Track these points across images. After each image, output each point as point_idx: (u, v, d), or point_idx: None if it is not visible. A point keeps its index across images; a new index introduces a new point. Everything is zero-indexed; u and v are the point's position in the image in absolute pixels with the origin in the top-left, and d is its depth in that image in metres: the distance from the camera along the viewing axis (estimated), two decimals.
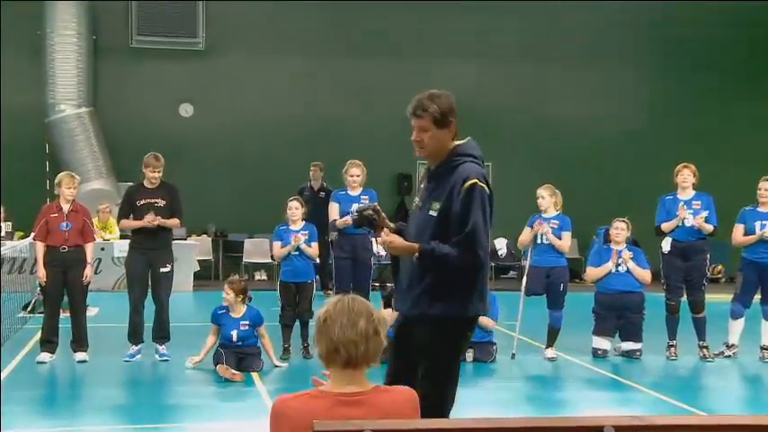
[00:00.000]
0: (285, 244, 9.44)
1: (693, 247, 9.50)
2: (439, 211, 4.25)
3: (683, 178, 9.56)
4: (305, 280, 9.49)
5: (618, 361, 9.63)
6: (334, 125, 17.81)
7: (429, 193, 4.38)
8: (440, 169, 4.39)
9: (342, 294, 3.00)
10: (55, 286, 9.02)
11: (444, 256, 4.17)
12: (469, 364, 9.20)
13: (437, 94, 4.42)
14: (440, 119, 4.37)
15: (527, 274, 9.63)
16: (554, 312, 9.57)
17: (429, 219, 4.28)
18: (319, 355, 2.92)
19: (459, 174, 4.26)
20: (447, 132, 4.39)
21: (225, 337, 8.75)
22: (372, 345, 2.87)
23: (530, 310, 9.91)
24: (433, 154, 4.42)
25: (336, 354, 2.86)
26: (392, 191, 18.22)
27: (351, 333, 2.85)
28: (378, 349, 2.90)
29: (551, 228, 9.45)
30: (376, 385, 2.92)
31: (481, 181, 4.25)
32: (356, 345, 2.85)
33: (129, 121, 17.34)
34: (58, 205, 9.11)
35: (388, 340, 3.04)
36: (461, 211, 4.19)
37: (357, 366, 2.87)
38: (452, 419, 2.35)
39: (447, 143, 4.40)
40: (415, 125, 4.45)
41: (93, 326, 9.61)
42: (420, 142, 4.45)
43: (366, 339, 2.86)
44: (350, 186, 9.77)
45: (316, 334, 2.92)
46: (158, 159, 9.22)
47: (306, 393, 2.88)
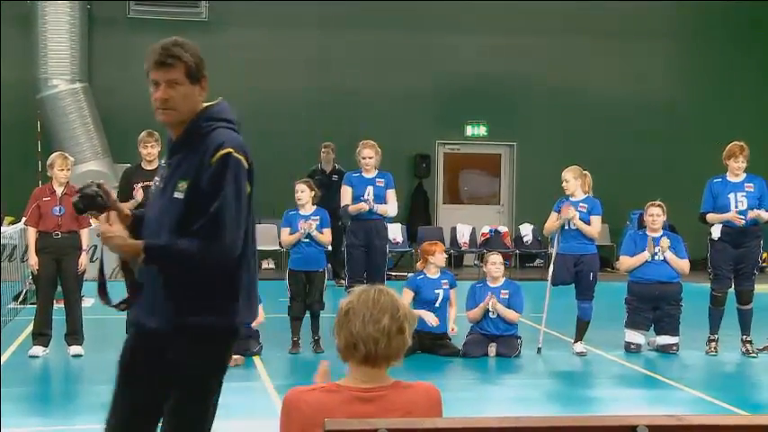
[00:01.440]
0: (294, 230, 9.45)
1: (747, 233, 9.32)
2: (186, 192, 3.55)
3: (737, 165, 9.32)
4: (316, 269, 9.49)
5: (653, 356, 9.60)
6: (348, 102, 17.79)
7: (173, 171, 3.65)
8: (187, 138, 3.64)
9: (369, 285, 2.99)
10: (48, 275, 9.06)
11: (181, 252, 3.48)
12: (492, 360, 9.20)
13: (184, 41, 3.65)
14: (194, 71, 3.61)
15: (554, 262, 9.61)
16: (583, 303, 9.55)
17: (174, 203, 3.56)
18: (337, 347, 2.92)
19: (211, 141, 3.58)
20: (199, 90, 3.65)
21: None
22: (395, 343, 2.87)
23: (557, 300, 9.89)
24: (182, 118, 3.63)
25: (355, 349, 2.86)
26: (409, 173, 18.21)
27: (372, 329, 2.84)
28: (401, 348, 2.89)
29: (579, 212, 9.41)
30: (396, 381, 2.91)
31: (238, 151, 3.65)
32: (377, 342, 2.84)
33: (126, 98, 17.33)
34: (51, 188, 9.14)
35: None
36: (209, 188, 3.52)
37: (376, 364, 2.87)
38: (475, 418, 2.31)
39: (198, 104, 3.66)
40: (160, 79, 3.61)
41: (88, 317, 9.64)
42: (167, 101, 3.60)
43: (388, 337, 2.85)
44: (363, 169, 9.75)
45: (336, 325, 2.92)
46: (152, 134, 9.20)
47: (321, 387, 2.88)
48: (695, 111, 18.67)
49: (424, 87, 18.08)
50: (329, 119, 17.55)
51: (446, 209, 18.88)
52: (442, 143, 18.76)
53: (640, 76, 18.65)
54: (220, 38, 17.74)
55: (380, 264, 9.78)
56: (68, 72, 16.55)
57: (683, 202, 12.50)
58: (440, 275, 9.42)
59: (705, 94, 18.75)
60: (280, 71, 17.79)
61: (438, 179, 18.79)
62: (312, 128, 17.30)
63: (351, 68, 17.99)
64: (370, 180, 9.70)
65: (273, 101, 17.68)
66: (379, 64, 18.06)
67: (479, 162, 19.27)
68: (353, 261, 9.72)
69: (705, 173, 9.95)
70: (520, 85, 18.23)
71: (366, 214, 9.61)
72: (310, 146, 15.89)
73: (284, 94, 17.69)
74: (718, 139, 10.28)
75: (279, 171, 16.96)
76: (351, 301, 2.91)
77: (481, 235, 17.21)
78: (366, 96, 17.89)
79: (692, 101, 18.70)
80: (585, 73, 18.50)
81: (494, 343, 9.29)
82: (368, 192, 9.58)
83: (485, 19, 18.22)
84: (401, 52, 18.05)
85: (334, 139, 15.08)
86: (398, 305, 2.90)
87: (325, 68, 17.95)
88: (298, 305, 9.48)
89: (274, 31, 17.82)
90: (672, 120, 18.63)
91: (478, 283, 9.64)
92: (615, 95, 18.51)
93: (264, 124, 17.64)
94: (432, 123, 18.24)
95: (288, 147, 17.47)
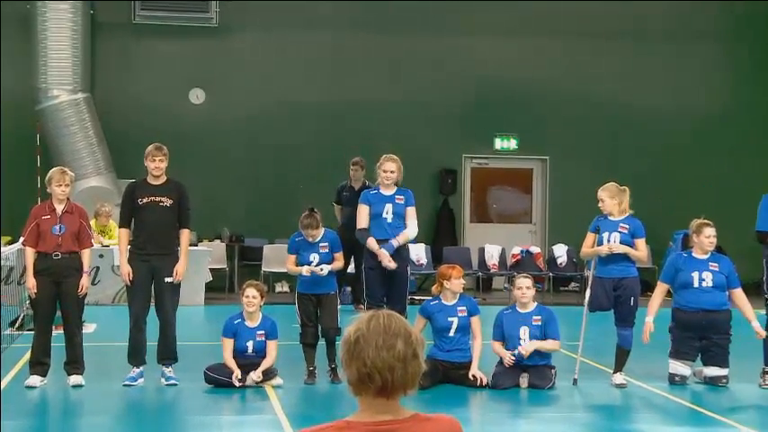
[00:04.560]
0: (303, 261, 9.46)
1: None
2: None
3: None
4: (326, 291, 9.50)
5: (699, 389, 9.50)
6: (366, 113, 17.80)
7: None
8: None
9: (374, 310, 2.96)
10: (46, 299, 9.07)
11: None
12: (524, 391, 9.13)
13: None
14: None
15: (591, 286, 9.54)
16: (623, 331, 9.47)
17: None
18: (348, 380, 2.88)
19: None
20: None
21: (239, 349, 9.05)
22: (411, 369, 2.84)
23: (594, 327, 9.81)
24: None
25: (370, 380, 2.83)
26: (434, 190, 18.18)
27: (387, 356, 2.81)
28: (416, 374, 2.87)
29: (620, 233, 9.35)
30: (415, 413, 2.88)
31: None
32: (393, 370, 2.81)
33: (131, 109, 17.46)
34: (51, 206, 9.16)
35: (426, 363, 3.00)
36: None
37: (392, 394, 2.84)
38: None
39: None
40: None
41: (89, 345, 9.65)
42: None
43: (404, 363, 2.83)
44: (382, 184, 9.71)
45: (345, 356, 2.88)
46: (160, 149, 9.25)
47: (332, 426, 2.84)
48: (743, 121, 18.56)
49: (450, 97, 18.07)
50: (346, 131, 17.56)
51: (473, 228, 18.83)
52: (470, 157, 18.72)
53: (683, 83, 18.57)
54: (231, 45, 17.84)
55: (402, 287, 9.73)
56: (70, 81, 16.64)
57: (731, 221, 12.40)
58: (456, 302, 9.37)
59: (754, 103, 18.63)
60: (293, 80, 17.83)
61: (465, 196, 18.75)
62: (327, 140, 17.33)
63: (369, 76, 18.01)
64: (388, 197, 9.65)
65: (286, 111, 17.72)
66: (400, 71, 18.06)
67: (509, 177, 19.21)
68: (372, 284, 9.66)
69: (757, 188, 9.87)
70: (553, 95, 18.19)
71: (387, 233, 9.57)
72: (326, 159, 15.93)
73: (298, 104, 17.72)
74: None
75: (292, 186, 17.04)
76: (359, 329, 2.87)
77: (511, 256, 17.15)
78: (386, 106, 17.89)
79: (739, 110, 18.59)
80: (624, 80, 18.43)
81: (525, 373, 9.22)
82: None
83: (515, 23, 18.21)
84: (424, 59, 18.06)
85: (351, 153, 15.06)
86: (409, 329, 2.89)
87: (342, 76, 17.98)
88: (309, 331, 9.46)
89: (288, 37, 17.88)
90: (718, 131, 18.52)
91: (507, 310, 9.59)
92: (656, 104, 18.43)
93: (276, 136, 17.70)
94: (458, 136, 18.22)
95: (301, 160, 17.52)
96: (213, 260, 16.06)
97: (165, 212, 9.22)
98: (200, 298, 15.19)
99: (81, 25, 16.75)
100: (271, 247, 16.85)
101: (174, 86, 17.73)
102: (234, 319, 9.18)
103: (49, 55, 16.54)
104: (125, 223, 9.36)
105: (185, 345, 9.74)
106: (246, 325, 9.13)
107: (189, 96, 17.86)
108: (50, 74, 16.55)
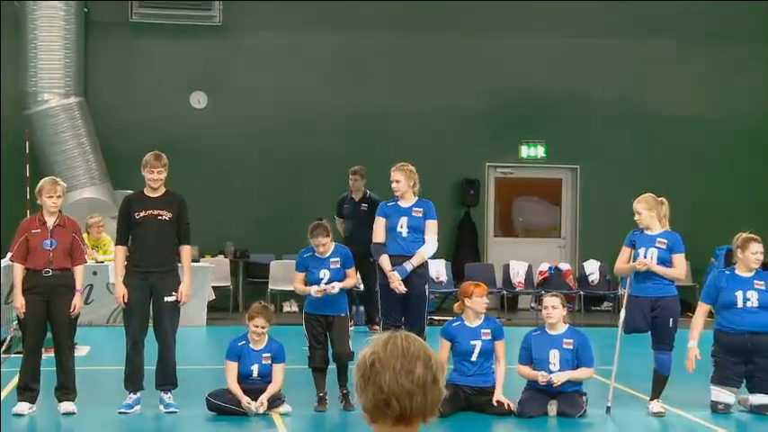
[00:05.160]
0: (312, 279, 9.46)
1: None
2: None
3: None
4: (336, 313, 9.49)
5: (745, 418, 9.45)
6: (382, 119, 17.82)
7: None
8: None
9: (391, 332, 2.96)
10: (36, 319, 9.09)
11: None
12: (553, 419, 9.11)
13: None
14: None
15: (626, 305, 9.51)
16: (661, 355, 9.44)
17: None
18: (363, 407, 2.89)
19: None
20: None
21: (243, 373, 9.06)
22: (431, 396, 2.85)
23: (629, 350, 9.78)
24: None
25: (387, 407, 2.83)
26: (455, 201, 18.18)
27: (406, 381, 2.81)
28: (437, 401, 2.87)
29: (657, 248, 9.32)
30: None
31: None
32: (412, 396, 2.82)
33: (128, 115, 17.52)
34: (41, 219, 9.19)
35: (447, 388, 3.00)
36: None
37: (411, 422, 2.84)
38: None
39: None
40: None
41: (82, 369, 9.67)
42: None
43: (424, 389, 2.83)
44: (400, 197, 9.70)
45: (360, 381, 2.88)
46: (159, 158, 9.29)
47: None
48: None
49: (473, 101, 18.08)
50: (361, 139, 17.58)
51: (498, 243, 18.81)
52: (493, 166, 18.72)
53: (724, 86, 18.52)
54: (236, 44, 17.90)
55: (420, 306, 9.73)
56: (62, 85, 16.71)
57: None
58: (481, 323, 9.36)
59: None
60: (305, 84, 17.86)
61: (488, 208, 18.74)
62: (341, 149, 17.33)
63: (386, 80, 18.03)
64: (404, 210, 9.66)
65: (297, 117, 17.75)
66: (419, 74, 18.09)
67: (537, 188, 19.20)
68: (387, 303, 9.67)
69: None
70: (584, 99, 18.17)
71: (402, 248, 9.57)
72: (337, 170, 15.91)
73: (309, 109, 17.74)
74: None
75: (300, 199, 17.05)
76: (375, 352, 2.87)
77: (539, 273, 17.12)
78: (404, 112, 17.90)
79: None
80: (661, 83, 18.40)
81: (554, 400, 9.20)
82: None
83: (543, 22, 18.21)
84: (445, 61, 18.08)
85: (366, 162, 15.07)
86: (429, 352, 2.89)
87: (358, 80, 18.01)
88: (318, 354, 9.46)
89: (299, 37, 17.91)
90: (764, 136, 18.44)
91: (535, 331, 9.56)
92: (696, 109, 18.38)
93: (285, 143, 17.72)
94: (481, 143, 18.22)
95: (312, 170, 17.52)
96: (216, 277, 16.09)
97: (163, 227, 9.25)
98: (202, 318, 15.21)
99: (74, 24, 16.83)
100: (278, 263, 16.87)
101: (174, 90, 17.79)
102: (238, 341, 9.20)
103: (40, 56, 16.61)
104: (122, 240, 9.38)
105: (186, 369, 9.74)
106: (252, 347, 9.14)
107: (190, 100, 17.91)
108: (41, 77, 16.62)
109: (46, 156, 16.56)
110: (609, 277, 16.71)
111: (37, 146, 16.68)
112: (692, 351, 9.30)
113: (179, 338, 9.48)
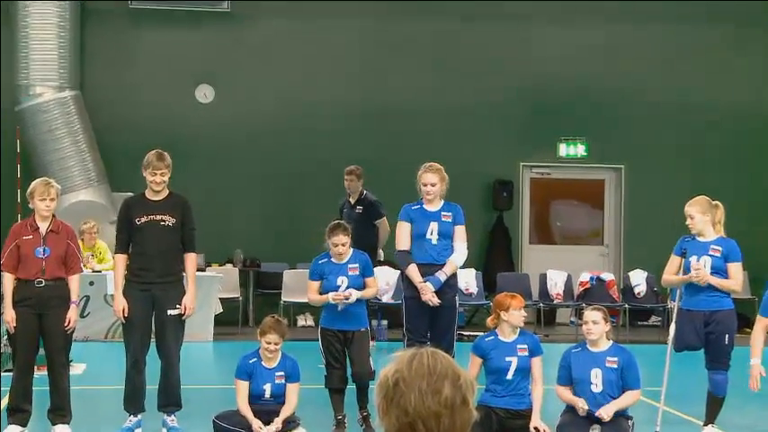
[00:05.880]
0: (329, 287, 9.46)
1: None
2: None
3: None
4: (356, 328, 9.50)
5: None
6: (407, 114, 17.82)
7: None
8: None
9: (416, 348, 2.96)
10: (27, 334, 9.11)
11: None
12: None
13: None
14: None
15: (676, 320, 9.48)
16: (715, 375, 9.40)
17: None
18: (386, 431, 2.89)
19: None
20: None
21: (254, 393, 9.03)
22: (460, 418, 2.86)
23: (680, 370, 9.74)
24: None
25: (412, 431, 2.83)
26: (486, 205, 18.16)
27: (432, 403, 2.82)
28: (466, 424, 2.89)
29: (712, 256, 9.28)
30: None
31: None
32: (439, 418, 2.83)
33: (127, 110, 17.58)
34: (33, 224, 9.21)
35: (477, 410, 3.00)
36: None
37: None
38: None
39: None
40: None
41: (78, 389, 9.70)
42: None
43: (452, 411, 2.84)
44: (425, 200, 9.70)
45: (382, 403, 2.89)
46: (162, 158, 9.29)
47: None
48: None
49: (505, 94, 18.05)
50: (382, 136, 17.59)
51: (533, 250, 18.78)
52: (528, 166, 18.69)
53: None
54: (246, 33, 17.94)
55: (449, 320, 9.73)
56: (55, 77, 16.78)
57: None
58: (516, 338, 9.31)
59: None
60: (320, 76, 17.88)
61: (523, 212, 18.71)
62: (360, 147, 17.32)
63: (409, 71, 18.03)
64: (434, 214, 9.65)
65: (311, 113, 17.77)
66: (445, 64, 18.08)
67: (577, 190, 19.17)
68: (414, 318, 9.66)
69: None
70: (629, 92, 18.11)
71: (431, 257, 9.56)
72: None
73: (325, 104, 17.76)
74: None
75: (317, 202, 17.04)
76: (399, 370, 2.88)
77: (579, 284, 17.07)
78: (429, 106, 17.90)
79: None
80: (716, 74, 18.32)
81: (597, 425, 9.14)
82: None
83: (583, 8, 18.17)
84: (474, 49, 18.06)
85: (388, 162, 15.10)
86: (457, 370, 2.91)
87: (378, 71, 18.02)
88: (336, 373, 9.47)
89: (314, 24, 17.93)
90: None
91: (575, 348, 9.51)
92: (756, 104, 18.30)
93: (299, 141, 17.75)
94: (515, 141, 18.20)
95: (328, 171, 17.50)
96: (224, 288, 16.13)
97: (166, 233, 9.26)
98: (209, 333, 15.25)
99: (69, 12, 16.90)
100: (292, 272, 16.90)
101: (179, 83, 17.85)
102: (249, 359, 9.18)
103: (32, 46, 16.68)
104: (122, 248, 9.39)
105: (191, 389, 9.75)
106: (264, 365, 9.12)
107: (195, 94, 17.97)
108: (33, 68, 16.69)
109: (38, 155, 16.63)
110: (657, 289, 16.63)
111: (28, 144, 16.76)
112: (756, 369, 9.21)
113: (183, 355, 9.50)
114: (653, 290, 16.91)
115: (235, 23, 17.93)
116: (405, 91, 17.94)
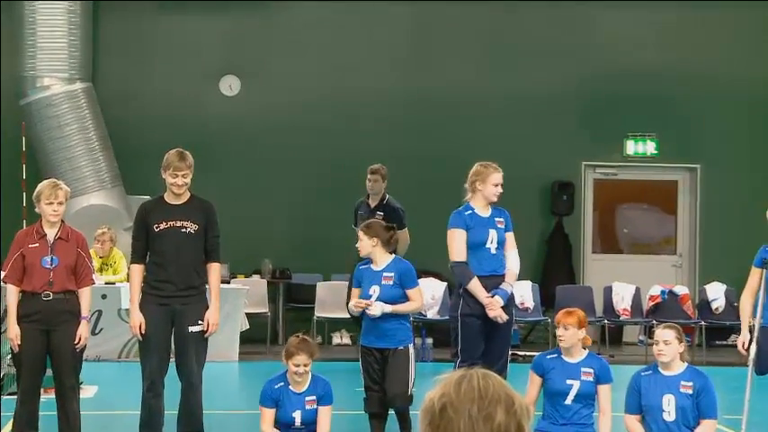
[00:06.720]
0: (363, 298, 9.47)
1: None
2: None
3: None
4: (394, 346, 9.48)
5: None
6: (456, 109, 17.81)
7: None
8: None
9: (465, 369, 2.96)
10: (33, 353, 9.15)
11: None
12: None
13: None
14: None
15: (758, 339, 9.42)
16: None
17: None
18: None
19: None
20: None
21: (283, 421, 8.90)
22: None
23: (763, 395, 9.66)
24: None
25: None
26: (544, 209, 18.13)
27: (484, 429, 2.82)
28: None
29: None
30: None
31: None
32: None
33: (144, 104, 17.67)
34: (40, 230, 9.25)
35: None
36: None
37: None
38: None
39: None
40: None
41: (89, 413, 9.74)
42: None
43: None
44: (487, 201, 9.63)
45: (426, 430, 2.89)
46: (184, 158, 9.29)
47: None
48: None
49: (566, 87, 18.01)
50: (427, 133, 17.58)
51: (597, 260, 18.72)
52: (592, 166, 18.64)
53: None
54: (276, 20, 17.98)
55: (505, 339, 9.74)
56: (65, 68, 16.87)
57: None
58: (583, 359, 9.25)
59: None
60: (359, 67, 17.91)
61: (585, 218, 18.66)
62: (402, 146, 17.33)
63: (458, 61, 18.04)
64: (489, 220, 9.62)
65: (348, 108, 17.79)
66: (500, 54, 18.07)
67: (646, 193, 19.10)
68: (471, 337, 9.59)
69: None
70: (705, 84, 18.02)
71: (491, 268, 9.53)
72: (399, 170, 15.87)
73: (364, 98, 17.77)
74: None
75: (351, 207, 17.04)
76: (446, 394, 2.88)
77: (649, 299, 16.99)
78: (481, 100, 17.90)
79: None
80: None
81: None
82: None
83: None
84: (531, 37, 18.03)
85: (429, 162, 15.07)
86: (511, 394, 2.92)
87: (424, 61, 18.03)
88: (375, 397, 9.48)
89: (352, 9, 17.95)
90: None
91: (645, 371, 9.45)
92: None
93: (335, 139, 17.76)
94: (576, 138, 18.15)
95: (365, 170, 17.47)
96: (251, 302, 16.16)
97: (187, 241, 9.28)
98: (234, 352, 15.28)
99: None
100: (326, 285, 16.92)
101: (201, 74, 17.92)
102: (275, 383, 8.97)
103: (39, 34, 16.76)
104: (139, 257, 9.42)
105: (214, 414, 9.79)
106: (292, 390, 9.00)
107: (220, 86, 18.04)
108: (40, 58, 16.78)
109: (45, 153, 16.72)
110: (737, 304, 16.52)
111: (35, 141, 16.85)
112: None
113: (206, 376, 9.51)
114: (732, 305, 16.78)
115: (263, 9, 17.92)
116: (456, 83, 17.90)
